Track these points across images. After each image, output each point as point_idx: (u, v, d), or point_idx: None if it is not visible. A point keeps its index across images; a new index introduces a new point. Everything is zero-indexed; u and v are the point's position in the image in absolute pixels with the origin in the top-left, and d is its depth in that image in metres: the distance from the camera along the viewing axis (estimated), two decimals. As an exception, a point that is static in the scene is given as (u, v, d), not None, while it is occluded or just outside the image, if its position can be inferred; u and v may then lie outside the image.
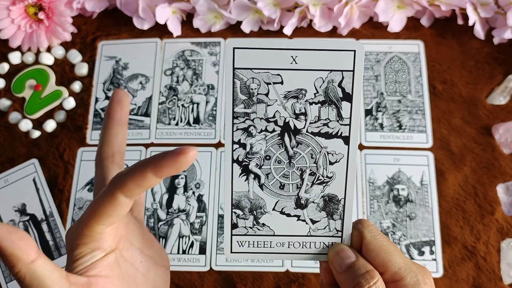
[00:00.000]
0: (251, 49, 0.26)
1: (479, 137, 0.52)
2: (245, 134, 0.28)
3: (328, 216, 0.29)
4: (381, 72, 0.56)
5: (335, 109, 0.28)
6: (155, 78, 0.57)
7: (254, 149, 0.28)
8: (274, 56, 0.27)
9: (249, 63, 0.27)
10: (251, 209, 0.29)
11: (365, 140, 0.53)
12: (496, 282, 0.47)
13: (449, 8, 0.55)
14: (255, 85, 0.27)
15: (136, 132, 0.54)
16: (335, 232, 0.29)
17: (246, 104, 0.27)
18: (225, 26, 0.58)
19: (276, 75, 0.27)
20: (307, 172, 0.28)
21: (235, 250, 0.29)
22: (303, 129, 0.28)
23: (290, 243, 0.29)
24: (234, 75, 0.27)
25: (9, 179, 0.53)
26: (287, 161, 0.28)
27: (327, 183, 0.29)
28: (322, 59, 0.27)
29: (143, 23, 0.58)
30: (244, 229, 0.29)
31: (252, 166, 0.28)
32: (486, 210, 0.49)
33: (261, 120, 0.28)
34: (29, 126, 0.55)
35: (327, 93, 0.27)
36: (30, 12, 0.57)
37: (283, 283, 0.48)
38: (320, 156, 0.28)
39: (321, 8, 0.55)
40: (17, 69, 0.58)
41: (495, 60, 0.55)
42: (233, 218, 0.29)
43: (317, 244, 0.29)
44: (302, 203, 0.29)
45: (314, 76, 0.27)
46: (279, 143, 0.28)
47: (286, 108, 0.28)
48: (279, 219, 0.29)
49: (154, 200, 0.51)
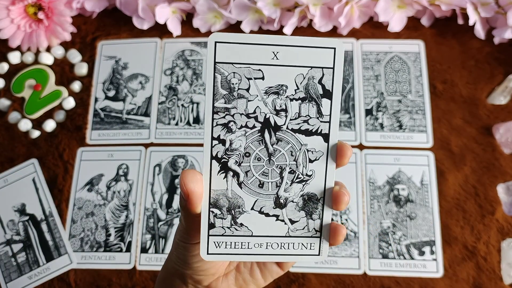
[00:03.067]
0: (233, 44, 0.26)
1: (479, 137, 0.52)
2: (225, 130, 0.27)
3: (307, 216, 0.28)
4: (381, 71, 0.56)
5: (315, 106, 0.27)
6: (155, 78, 0.57)
7: (233, 146, 0.27)
8: (255, 51, 0.26)
9: (231, 58, 0.26)
10: (229, 208, 0.28)
11: (365, 140, 0.53)
12: (496, 282, 0.47)
13: (450, 8, 0.55)
14: (236, 80, 0.27)
15: (136, 132, 0.54)
16: (314, 232, 0.29)
17: (226, 99, 0.27)
18: (225, 26, 0.58)
19: (258, 71, 0.27)
20: (287, 170, 0.28)
21: (212, 251, 0.28)
22: (284, 125, 0.27)
23: (268, 244, 0.29)
24: (215, 69, 0.26)
25: (8, 179, 0.53)
26: (266, 158, 0.28)
27: (306, 181, 0.28)
28: (303, 56, 0.27)
29: (142, 23, 0.58)
30: (221, 229, 0.28)
31: (231, 163, 0.28)
32: (487, 210, 0.49)
33: (241, 116, 0.27)
34: (28, 126, 0.55)
35: (307, 90, 0.27)
36: (29, 12, 0.56)
37: (283, 283, 0.48)
38: (300, 153, 0.28)
39: (321, 8, 0.55)
40: (16, 69, 0.58)
41: (495, 60, 0.55)
42: (210, 218, 0.28)
43: (295, 245, 0.29)
44: (281, 202, 0.28)
45: (295, 73, 0.27)
46: (259, 139, 0.28)
47: (266, 104, 0.27)
48: (257, 219, 0.28)
49: (154, 200, 0.51)
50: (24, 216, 0.51)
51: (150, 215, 0.51)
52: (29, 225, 0.51)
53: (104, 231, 0.50)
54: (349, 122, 0.53)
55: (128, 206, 0.51)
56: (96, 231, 0.51)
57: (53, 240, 0.50)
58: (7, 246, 0.50)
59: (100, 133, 0.54)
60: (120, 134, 0.54)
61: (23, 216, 0.51)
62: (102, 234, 0.50)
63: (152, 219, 0.51)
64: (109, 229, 0.50)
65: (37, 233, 0.50)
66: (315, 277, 0.48)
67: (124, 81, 0.57)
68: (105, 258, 0.49)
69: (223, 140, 0.27)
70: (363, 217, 0.50)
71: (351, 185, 0.51)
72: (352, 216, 0.50)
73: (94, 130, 0.54)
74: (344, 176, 0.51)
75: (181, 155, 0.53)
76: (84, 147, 0.54)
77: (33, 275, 0.49)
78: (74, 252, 0.50)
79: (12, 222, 0.51)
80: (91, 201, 0.51)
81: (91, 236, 0.50)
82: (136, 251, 0.50)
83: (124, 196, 0.52)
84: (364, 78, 0.55)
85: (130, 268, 0.49)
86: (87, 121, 0.55)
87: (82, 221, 0.51)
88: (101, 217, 0.51)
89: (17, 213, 0.51)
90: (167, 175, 0.52)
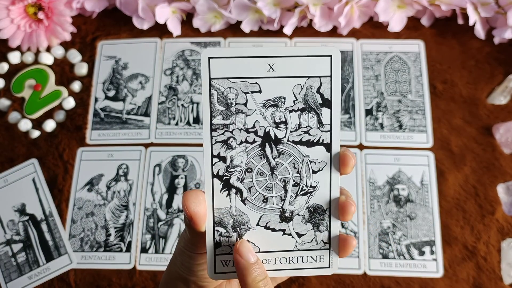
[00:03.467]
0: (227, 58, 0.26)
1: (479, 137, 0.52)
2: (225, 147, 0.27)
3: (314, 228, 0.28)
4: (381, 72, 0.56)
5: (315, 115, 0.27)
6: (155, 78, 0.57)
7: (234, 162, 0.27)
8: (250, 64, 0.26)
9: (226, 73, 0.26)
10: (234, 226, 0.27)
11: (365, 140, 0.53)
12: (496, 282, 0.47)
13: (450, 8, 0.55)
14: (232, 95, 0.26)
15: (136, 132, 0.54)
16: (323, 245, 0.28)
17: (224, 115, 0.26)
18: (225, 25, 0.58)
19: (254, 84, 0.26)
20: (291, 183, 0.27)
21: (219, 270, 0.28)
22: (284, 138, 0.27)
23: (276, 259, 0.28)
24: (210, 85, 0.26)
25: (8, 179, 0.53)
26: (269, 172, 0.27)
27: (311, 193, 0.28)
28: (299, 66, 0.26)
29: (142, 23, 0.58)
30: (227, 248, 0.27)
31: (234, 180, 0.27)
32: (487, 210, 0.49)
33: (241, 131, 0.27)
34: (28, 126, 0.55)
35: (306, 100, 0.27)
36: (29, 12, 0.56)
37: (283, 283, 0.48)
38: (303, 165, 0.27)
39: (321, 8, 0.55)
40: (16, 69, 0.58)
41: (495, 60, 0.55)
42: (215, 237, 0.27)
43: (304, 258, 0.28)
44: (287, 216, 0.28)
45: (292, 83, 0.26)
46: (260, 154, 0.27)
47: (265, 117, 0.27)
48: (263, 235, 0.28)
49: (154, 200, 0.51)
50: (24, 216, 0.51)
51: (150, 215, 0.51)
52: (29, 225, 0.51)
53: (104, 231, 0.50)
54: (349, 122, 0.53)
55: (128, 206, 0.51)
56: (96, 231, 0.51)
57: (53, 240, 0.50)
58: (7, 246, 0.50)
59: (100, 133, 0.54)
60: (120, 134, 0.54)
61: (23, 216, 0.51)
62: (102, 234, 0.50)
63: (152, 219, 0.51)
64: (109, 229, 0.50)
65: (37, 233, 0.50)
66: (315, 277, 0.48)
67: (124, 81, 0.57)
68: (105, 258, 0.49)
69: (224, 157, 0.27)
70: (363, 217, 0.50)
71: (351, 185, 0.51)
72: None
73: (94, 130, 0.54)
74: (344, 176, 0.51)
75: (181, 155, 0.53)
76: (84, 147, 0.54)
77: (33, 275, 0.49)
78: (74, 252, 0.50)
79: (12, 222, 0.51)
80: (91, 201, 0.51)
81: (91, 236, 0.50)
82: (136, 251, 0.50)
83: (124, 196, 0.52)
84: (364, 78, 0.55)
85: (130, 268, 0.49)
86: (87, 121, 0.55)
87: (82, 221, 0.51)
88: (101, 217, 0.51)
89: (17, 213, 0.51)
90: (167, 175, 0.52)
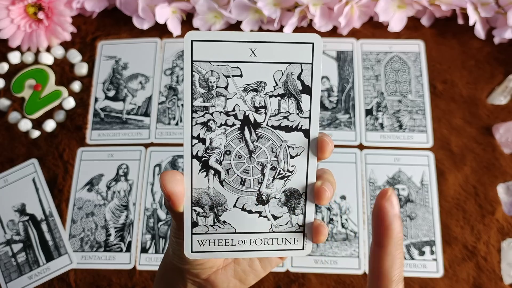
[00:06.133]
0: (210, 42, 0.26)
1: (479, 137, 0.52)
2: (205, 129, 0.27)
3: (290, 211, 0.29)
4: (382, 71, 0.56)
5: (295, 101, 0.27)
6: (155, 78, 0.57)
7: (213, 144, 0.27)
8: (233, 48, 0.26)
9: (208, 56, 0.26)
10: (211, 206, 0.28)
11: (366, 140, 0.53)
12: (496, 282, 0.47)
13: (450, 8, 0.55)
14: (214, 78, 0.27)
15: (136, 132, 0.54)
16: (297, 228, 0.29)
17: (205, 97, 0.27)
18: (225, 25, 0.58)
19: (235, 68, 0.27)
20: (268, 166, 0.28)
21: (196, 249, 0.28)
22: (263, 122, 0.27)
23: (252, 240, 0.29)
24: (192, 68, 0.26)
25: (8, 179, 0.53)
26: (247, 155, 0.28)
27: (288, 177, 0.28)
28: (281, 52, 0.27)
29: (142, 23, 0.58)
30: (204, 228, 0.28)
31: (212, 161, 0.28)
32: (487, 210, 0.49)
33: (221, 114, 0.27)
34: (28, 126, 0.55)
35: (286, 86, 0.27)
36: (29, 12, 0.56)
37: (283, 283, 0.48)
38: (281, 149, 0.28)
39: (321, 8, 0.55)
40: (16, 69, 0.58)
41: (495, 60, 0.55)
42: (193, 216, 0.28)
43: (279, 240, 0.29)
44: (264, 199, 0.28)
45: (273, 69, 0.27)
46: (239, 137, 0.28)
47: (245, 101, 0.27)
48: (240, 216, 0.28)
49: (154, 200, 0.51)
50: (24, 216, 0.51)
51: (150, 215, 0.51)
52: (29, 225, 0.51)
53: (104, 231, 0.50)
54: (349, 122, 0.53)
55: (128, 206, 0.51)
56: (96, 231, 0.51)
57: (53, 240, 0.50)
58: (7, 246, 0.50)
59: (100, 133, 0.54)
60: (120, 134, 0.54)
61: (23, 216, 0.51)
62: (102, 234, 0.50)
63: (152, 219, 0.51)
64: (109, 229, 0.50)
65: (37, 233, 0.50)
66: (315, 277, 0.48)
67: (124, 81, 0.57)
68: (105, 258, 0.49)
69: (203, 138, 0.27)
70: (363, 217, 0.50)
71: (351, 185, 0.51)
72: (352, 216, 0.50)
73: (94, 130, 0.54)
74: (344, 176, 0.51)
75: (181, 155, 0.53)
76: (84, 147, 0.54)
77: (33, 275, 0.49)
78: (74, 252, 0.50)
79: (12, 222, 0.51)
80: (91, 201, 0.51)
81: (91, 236, 0.50)
82: (136, 251, 0.50)
83: (124, 196, 0.52)
84: (364, 78, 0.55)
85: (130, 268, 0.49)
86: (87, 121, 0.55)
87: (82, 221, 0.51)
88: (101, 217, 0.51)
89: (17, 213, 0.51)
90: (167, 175, 0.52)
